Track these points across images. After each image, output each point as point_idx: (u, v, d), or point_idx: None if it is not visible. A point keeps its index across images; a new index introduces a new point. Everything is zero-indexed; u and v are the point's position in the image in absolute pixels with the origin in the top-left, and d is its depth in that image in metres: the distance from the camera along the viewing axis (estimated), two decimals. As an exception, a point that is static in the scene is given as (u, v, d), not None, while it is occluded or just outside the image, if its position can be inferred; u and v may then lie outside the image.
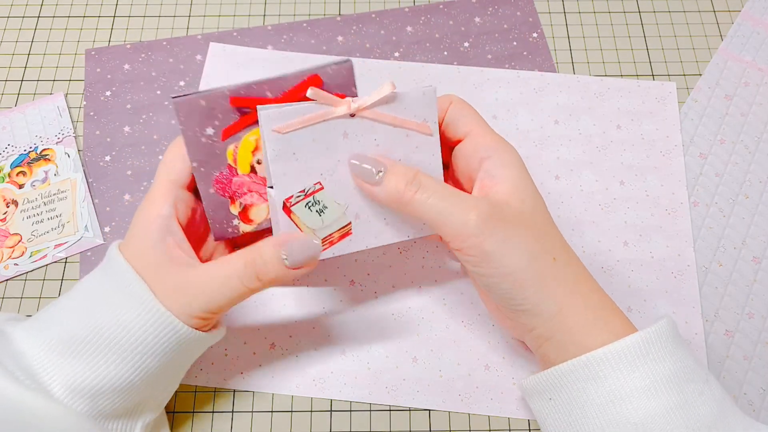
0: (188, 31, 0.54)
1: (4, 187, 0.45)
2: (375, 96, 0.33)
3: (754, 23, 0.54)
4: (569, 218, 0.46)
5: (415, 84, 0.51)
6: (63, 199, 0.45)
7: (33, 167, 0.46)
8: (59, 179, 0.45)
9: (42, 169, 0.46)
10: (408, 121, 0.34)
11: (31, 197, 0.45)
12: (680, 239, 0.45)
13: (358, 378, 0.41)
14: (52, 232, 0.44)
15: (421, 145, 0.35)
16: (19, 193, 0.45)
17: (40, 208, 0.44)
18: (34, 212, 0.44)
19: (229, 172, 0.35)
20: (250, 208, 0.36)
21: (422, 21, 0.54)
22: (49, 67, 0.52)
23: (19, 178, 0.45)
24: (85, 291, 0.33)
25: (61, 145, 0.47)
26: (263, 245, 0.32)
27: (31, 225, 0.44)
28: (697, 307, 0.43)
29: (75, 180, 0.46)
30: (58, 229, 0.44)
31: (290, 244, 0.32)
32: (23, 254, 0.43)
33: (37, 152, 0.46)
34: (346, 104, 0.33)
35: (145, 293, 0.31)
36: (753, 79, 0.52)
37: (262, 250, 0.32)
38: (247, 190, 0.35)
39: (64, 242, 0.44)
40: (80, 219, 0.44)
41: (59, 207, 0.45)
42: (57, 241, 0.44)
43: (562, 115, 0.50)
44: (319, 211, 0.34)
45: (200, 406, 0.40)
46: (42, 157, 0.46)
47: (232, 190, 0.35)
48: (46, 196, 0.45)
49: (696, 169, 0.48)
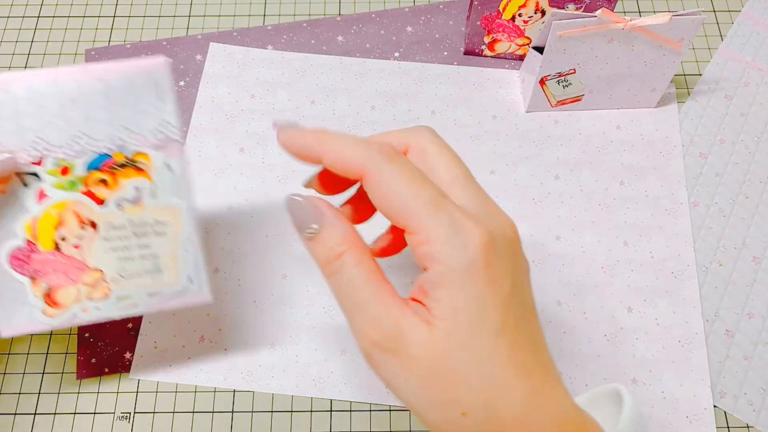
0: (188, 31, 0.54)
1: (77, 198, 0.31)
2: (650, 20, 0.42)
3: (754, 23, 0.54)
4: (569, 218, 0.46)
5: (414, 82, 0.51)
6: (161, 234, 0.32)
7: (118, 176, 0.32)
8: (157, 204, 0.32)
9: (132, 183, 0.32)
10: (666, 38, 0.44)
11: (116, 222, 0.32)
12: (680, 239, 0.45)
13: (358, 378, 0.41)
14: (144, 276, 0.33)
15: (667, 54, 0.45)
16: (99, 212, 0.32)
17: (130, 240, 0.32)
18: (121, 244, 0.32)
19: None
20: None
21: (422, 21, 0.54)
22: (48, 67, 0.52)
23: (99, 189, 0.32)
24: None
25: (161, 151, 0.32)
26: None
27: (117, 261, 0.32)
28: (697, 307, 0.43)
29: (178, 210, 0.32)
30: (154, 273, 0.33)
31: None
32: (107, 296, 0.33)
33: (125, 154, 0.31)
34: (624, 21, 0.42)
35: None
36: (753, 79, 0.52)
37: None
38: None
39: (160, 292, 0.33)
40: (182, 265, 0.33)
41: (155, 244, 0.33)
42: (151, 289, 0.33)
43: (561, 115, 0.50)
44: (564, 86, 0.47)
45: (200, 406, 0.40)
46: (132, 164, 0.32)
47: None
48: (138, 225, 0.32)
49: (696, 169, 0.48)
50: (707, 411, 0.40)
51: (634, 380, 0.41)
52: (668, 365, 0.42)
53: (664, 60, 0.46)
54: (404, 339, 0.25)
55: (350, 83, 0.51)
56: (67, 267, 0.32)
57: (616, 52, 0.45)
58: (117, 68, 0.30)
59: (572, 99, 0.49)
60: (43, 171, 0.31)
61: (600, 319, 0.43)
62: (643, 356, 0.42)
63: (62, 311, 0.32)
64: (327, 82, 0.51)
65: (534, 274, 0.44)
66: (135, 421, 0.40)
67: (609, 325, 0.43)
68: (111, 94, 0.31)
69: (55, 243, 0.32)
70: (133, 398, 0.40)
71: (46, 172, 0.31)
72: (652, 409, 0.40)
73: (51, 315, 0.32)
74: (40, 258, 0.32)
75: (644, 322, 0.43)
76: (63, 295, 0.32)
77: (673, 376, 0.41)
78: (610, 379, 0.41)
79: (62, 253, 0.32)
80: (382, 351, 0.25)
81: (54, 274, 0.32)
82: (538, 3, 0.47)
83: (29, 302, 0.32)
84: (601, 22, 0.43)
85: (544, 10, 0.48)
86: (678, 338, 0.42)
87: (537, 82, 0.47)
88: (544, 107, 0.49)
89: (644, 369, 0.41)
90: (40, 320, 0.32)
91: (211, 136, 0.48)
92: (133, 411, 0.40)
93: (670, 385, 0.41)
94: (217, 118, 0.49)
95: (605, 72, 0.47)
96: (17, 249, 0.31)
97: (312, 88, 0.51)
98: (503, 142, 0.49)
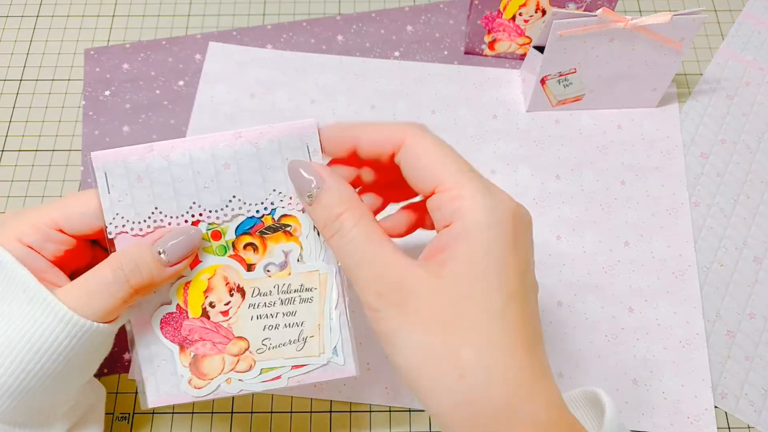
0: (187, 31, 0.53)
1: (227, 263, 0.30)
2: (650, 19, 0.42)
3: (755, 23, 0.54)
4: (570, 218, 0.46)
5: (414, 82, 0.51)
6: (307, 301, 0.31)
7: (267, 241, 0.30)
8: (304, 269, 0.31)
9: (280, 248, 0.31)
10: (667, 38, 0.44)
11: (263, 288, 0.31)
12: (681, 239, 0.45)
13: (358, 378, 0.41)
14: (289, 346, 0.31)
15: (668, 54, 0.45)
16: (246, 278, 0.31)
17: (276, 307, 0.31)
18: (266, 311, 0.31)
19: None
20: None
21: (422, 21, 0.54)
22: (47, 67, 0.52)
23: (247, 254, 0.30)
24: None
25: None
26: (132, 247, 0.29)
27: (263, 330, 0.31)
28: (698, 308, 0.43)
29: (326, 275, 0.31)
30: (298, 343, 0.31)
31: (164, 238, 0.29)
32: (251, 368, 0.31)
33: (274, 218, 0.30)
34: (625, 21, 0.43)
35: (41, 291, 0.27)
36: (754, 78, 0.52)
37: (131, 252, 0.29)
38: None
39: (304, 365, 0.31)
40: (328, 336, 0.31)
41: (301, 312, 0.31)
42: (295, 360, 0.31)
43: (562, 115, 0.50)
44: (565, 86, 0.47)
45: (200, 407, 0.40)
46: (281, 228, 0.30)
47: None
48: (285, 291, 0.31)
49: (697, 169, 0.48)
50: (708, 412, 0.40)
51: (635, 381, 0.41)
52: (669, 366, 0.41)
53: (665, 59, 0.46)
54: (410, 289, 0.25)
55: (350, 83, 0.51)
56: (213, 335, 0.31)
57: (617, 51, 0.45)
58: (269, 131, 0.30)
59: (573, 98, 0.49)
60: None
61: (601, 320, 0.43)
62: (644, 357, 0.42)
63: (207, 382, 0.31)
64: (327, 82, 0.51)
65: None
66: (134, 421, 0.40)
67: (610, 326, 0.43)
68: (262, 157, 0.30)
69: (203, 309, 0.31)
70: (132, 399, 0.40)
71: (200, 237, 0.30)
72: (653, 409, 0.40)
73: (197, 386, 0.31)
74: (189, 325, 0.31)
75: (645, 323, 0.43)
76: (208, 365, 0.31)
77: (674, 377, 0.41)
78: (611, 379, 0.41)
79: (210, 320, 0.31)
80: (386, 303, 0.25)
81: (201, 342, 0.31)
82: (539, 2, 0.47)
83: (177, 372, 0.31)
84: (602, 22, 0.43)
85: (544, 9, 0.48)
86: (679, 339, 0.42)
87: (538, 81, 0.47)
88: (545, 107, 0.49)
89: (645, 369, 0.41)
90: (186, 392, 0.31)
91: (210, 136, 0.48)
92: (133, 411, 0.40)
93: (671, 386, 0.41)
94: (217, 118, 0.49)
95: (606, 71, 0.47)
96: (168, 314, 0.31)
97: (312, 87, 0.50)
98: (504, 141, 0.48)
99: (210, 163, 0.30)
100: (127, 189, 0.29)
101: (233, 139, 0.30)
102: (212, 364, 0.31)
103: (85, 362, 0.30)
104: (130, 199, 0.29)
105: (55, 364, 0.28)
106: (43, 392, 0.29)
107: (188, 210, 0.30)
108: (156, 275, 0.29)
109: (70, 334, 0.28)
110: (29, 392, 0.28)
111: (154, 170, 0.29)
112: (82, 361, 0.30)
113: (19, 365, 0.27)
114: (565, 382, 0.41)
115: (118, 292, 0.28)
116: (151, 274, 0.28)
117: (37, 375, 0.28)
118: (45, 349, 0.27)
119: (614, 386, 0.41)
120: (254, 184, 0.30)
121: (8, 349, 0.27)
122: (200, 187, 0.30)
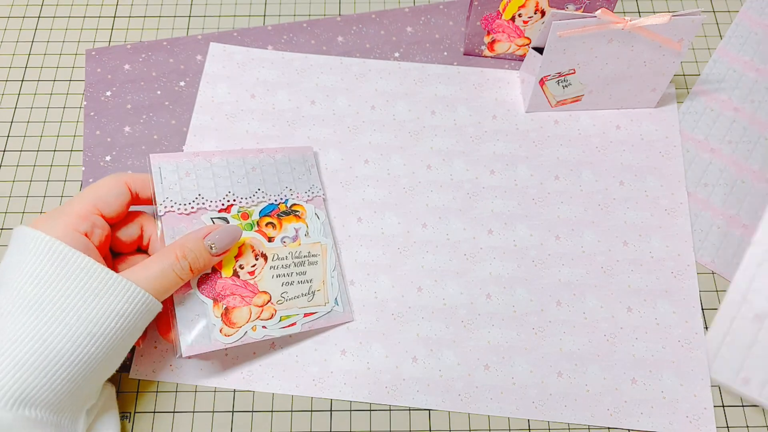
0: (188, 32, 0.54)
1: (254, 236, 0.41)
2: (649, 20, 0.42)
3: (753, 23, 0.54)
4: (569, 218, 0.46)
5: (414, 83, 0.51)
6: (313, 264, 0.42)
7: (283, 221, 0.42)
8: (310, 241, 0.42)
9: (292, 226, 0.42)
10: (666, 38, 0.44)
11: (281, 254, 0.41)
12: (680, 239, 0.46)
13: (358, 378, 0.41)
14: (302, 297, 0.41)
15: (667, 54, 0.45)
16: (268, 246, 0.41)
17: (291, 268, 0.41)
18: (284, 272, 0.40)
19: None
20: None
21: (422, 21, 0.54)
22: (49, 68, 0.52)
23: (268, 230, 0.41)
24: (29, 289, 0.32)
25: (311, 204, 0.44)
26: (189, 240, 0.37)
27: (281, 286, 0.40)
28: (697, 307, 0.43)
29: (326, 246, 0.43)
30: (309, 296, 0.41)
31: (213, 235, 0.37)
32: (272, 317, 0.39)
33: (287, 205, 0.43)
34: (624, 22, 0.43)
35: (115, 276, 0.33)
36: (751, 78, 0.52)
37: (190, 244, 0.36)
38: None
39: (313, 312, 0.41)
40: (330, 289, 0.42)
41: (309, 272, 0.41)
42: (306, 309, 0.40)
43: (561, 116, 0.50)
44: (564, 86, 0.47)
45: (200, 406, 0.40)
46: (292, 212, 0.43)
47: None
48: (297, 256, 0.41)
49: (696, 169, 0.48)
50: (707, 411, 0.40)
51: (634, 380, 0.41)
52: (668, 365, 0.42)
53: (663, 60, 0.46)
54: None
55: (350, 83, 0.51)
56: (242, 290, 0.39)
57: (616, 52, 0.45)
58: (281, 150, 0.44)
59: (572, 99, 0.49)
60: (230, 216, 0.41)
61: (600, 319, 0.43)
62: (643, 356, 0.42)
63: (235, 330, 0.38)
64: (327, 82, 0.51)
65: (534, 274, 0.44)
66: (135, 421, 0.40)
67: (609, 325, 0.43)
68: (278, 166, 0.44)
69: (234, 270, 0.39)
70: (133, 398, 0.41)
71: (232, 217, 0.41)
72: (652, 408, 0.40)
73: (227, 335, 0.38)
74: (222, 283, 0.39)
75: (644, 322, 0.43)
76: (237, 315, 0.38)
77: (673, 376, 0.41)
78: (610, 378, 0.41)
79: (239, 278, 0.39)
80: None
81: (231, 296, 0.39)
82: (538, 3, 0.48)
83: (210, 323, 0.37)
84: (601, 23, 0.43)
85: (543, 10, 0.48)
86: (678, 338, 0.42)
87: (537, 82, 0.47)
88: (544, 107, 0.49)
89: (644, 369, 0.41)
90: (217, 339, 0.37)
91: (211, 136, 0.48)
92: (134, 411, 0.40)
93: (670, 385, 0.41)
94: (218, 118, 0.49)
95: (605, 72, 0.47)
96: (205, 275, 0.38)
97: (312, 88, 0.51)
98: (503, 142, 0.49)
99: (241, 167, 0.42)
100: (176, 180, 0.40)
101: (257, 153, 0.43)
102: (240, 314, 0.39)
103: (133, 339, 0.35)
104: (178, 187, 0.40)
105: (121, 333, 0.33)
106: (106, 363, 0.34)
107: (225, 196, 0.41)
108: (208, 263, 0.37)
109: (137, 308, 0.34)
110: (98, 360, 0.33)
111: (199, 168, 0.41)
112: (133, 338, 0.35)
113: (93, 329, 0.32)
114: (565, 382, 0.41)
115: (182, 274, 0.36)
116: (205, 261, 0.37)
117: (106, 339, 0.33)
118: (118, 317, 0.33)
119: (613, 385, 0.41)
120: (273, 182, 0.43)
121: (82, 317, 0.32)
122: (234, 181, 0.42)
